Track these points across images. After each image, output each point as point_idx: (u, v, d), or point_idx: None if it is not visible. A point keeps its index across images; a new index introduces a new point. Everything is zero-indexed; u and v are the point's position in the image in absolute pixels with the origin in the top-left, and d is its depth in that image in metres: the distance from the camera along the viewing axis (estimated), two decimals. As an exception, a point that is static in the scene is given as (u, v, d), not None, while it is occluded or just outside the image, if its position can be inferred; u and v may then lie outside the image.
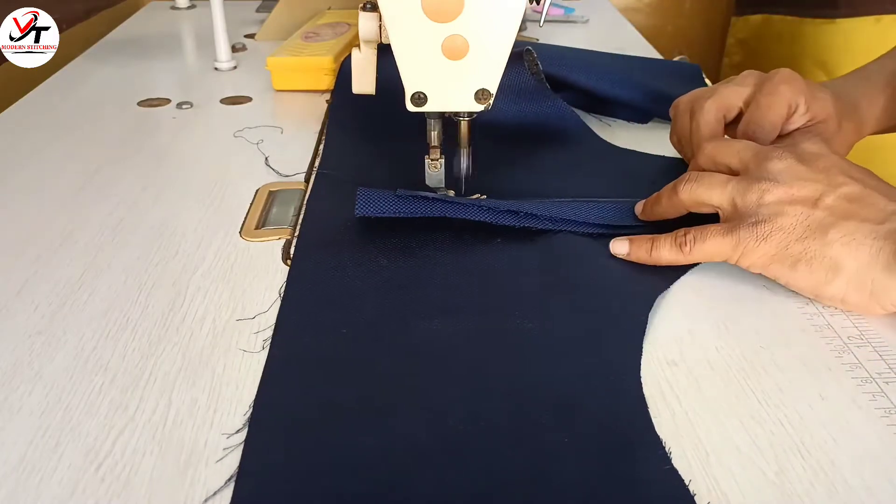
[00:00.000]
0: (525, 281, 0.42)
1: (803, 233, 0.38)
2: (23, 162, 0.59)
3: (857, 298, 0.37)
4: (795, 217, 0.38)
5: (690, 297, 0.41)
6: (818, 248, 0.37)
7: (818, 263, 0.37)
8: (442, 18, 0.43)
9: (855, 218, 0.37)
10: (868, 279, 0.36)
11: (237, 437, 0.32)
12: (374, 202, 0.46)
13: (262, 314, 0.40)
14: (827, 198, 0.38)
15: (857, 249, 0.36)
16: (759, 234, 0.38)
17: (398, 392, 0.34)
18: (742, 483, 0.30)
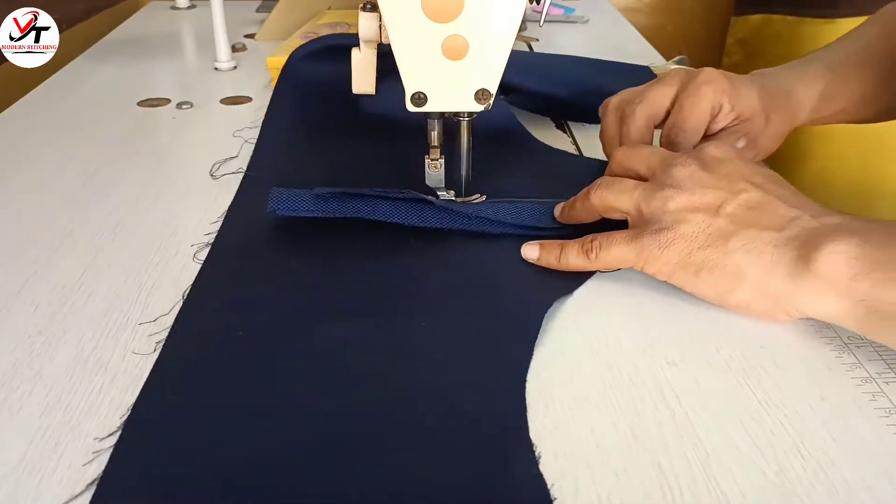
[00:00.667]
0: (431, 283, 0.42)
1: (705, 241, 0.38)
2: (23, 162, 0.59)
3: (761, 306, 0.37)
4: (697, 225, 0.38)
5: (690, 297, 0.41)
6: (720, 256, 0.37)
7: (720, 271, 0.37)
8: (442, 18, 0.43)
9: (756, 226, 0.37)
10: (770, 287, 0.36)
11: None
12: (288, 201, 0.46)
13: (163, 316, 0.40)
14: (728, 206, 0.38)
15: (758, 257, 0.37)
16: (661, 241, 0.39)
17: (281, 396, 0.34)
18: (742, 483, 0.30)
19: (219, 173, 0.56)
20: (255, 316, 0.39)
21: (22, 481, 0.30)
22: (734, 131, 0.51)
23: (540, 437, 0.32)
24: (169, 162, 0.59)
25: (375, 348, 0.37)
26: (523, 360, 0.36)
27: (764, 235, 0.37)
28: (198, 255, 0.45)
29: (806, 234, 0.36)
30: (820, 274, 0.35)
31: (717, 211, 0.38)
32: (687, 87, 0.50)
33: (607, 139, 0.54)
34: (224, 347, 0.37)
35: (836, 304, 0.35)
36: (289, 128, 0.63)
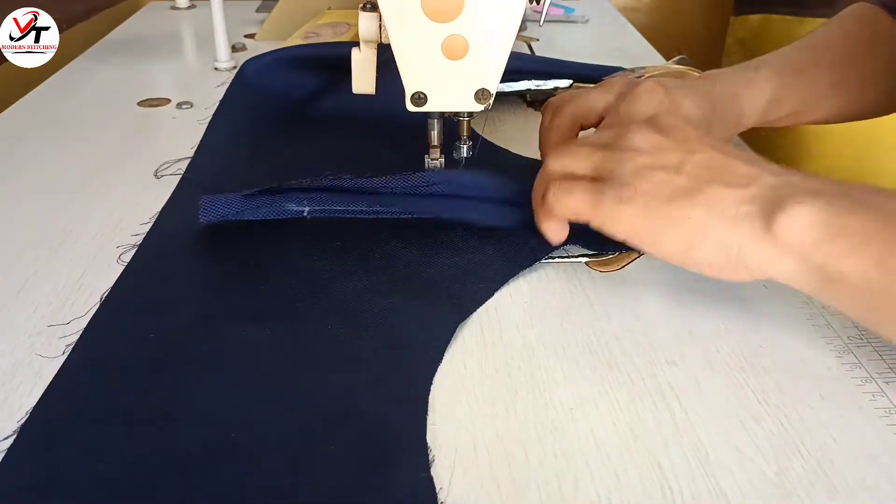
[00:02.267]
0: (351, 285, 0.41)
1: (668, 196, 0.37)
2: (23, 162, 0.59)
3: (724, 262, 0.36)
4: (659, 182, 0.37)
5: (690, 297, 0.41)
6: (684, 211, 0.36)
7: (684, 227, 0.36)
8: (442, 18, 0.43)
9: (718, 182, 0.37)
10: (734, 244, 0.35)
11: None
12: (219, 208, 0.45)
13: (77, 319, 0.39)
14: (687, 164, 0.38)
15: (722, 213, 0.36)
16: (622, 196, 0.37)
17: (182, 399, 0.34)
18: (742, 483, 0.30)
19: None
20: (169, 318, 0.39)
21: None
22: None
23: (540, 437, 0.32)
24: (169, 162, 0.59)
25: (283, 352, 0.37)
26: (431, 364, 0.36)
27: (727, 192, 0.36)
28: (123, 256, 0.45)
29: (770, 191, 0.36)
30: (781, 234, 0.34)
31: (677, 169, 0.38)
32: (625, 95, 0.50)
33: (540, 135, 0.54)
34: (133, 350, 0.37)
35: (793, 266, 0.34)
36: (234, 132, 0.63)
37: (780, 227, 0.34)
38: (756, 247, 0.35)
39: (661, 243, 0.37)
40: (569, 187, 0.40)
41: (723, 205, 0.36)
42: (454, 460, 0.31)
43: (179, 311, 0.39)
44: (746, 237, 0.35)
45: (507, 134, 0.64)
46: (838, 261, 0.33)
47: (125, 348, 0.37)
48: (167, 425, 0.32)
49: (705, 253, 0.36)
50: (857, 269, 0.32)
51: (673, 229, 0.36)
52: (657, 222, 0.37)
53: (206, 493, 0.29)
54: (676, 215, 0.36)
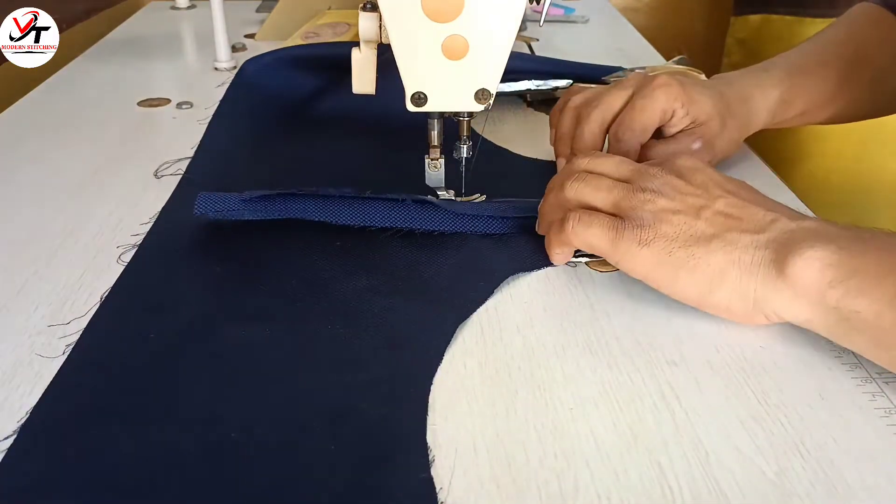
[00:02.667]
0: (351, 285, 0.41)
1: (686, 241, 0.37)
2: (23, 162, 0.59)
3: (742, 307, 0.37)
4: (679, 226, 0.38)
5: (690, 297, 0.41)
6: (702, 255, 0.37)
7: (702, 271, 0.37)
8: (442, 18, 0.43)
9: (735, 229, 0.37)
10: (750, 288, 0.36)
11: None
12: (215, 204, 0.45)
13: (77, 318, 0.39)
14: (707, 210, 0.38)
15: (738, 258, 0.36)
16: (642, 238, 0.38)
17: (182, 399, 0.34)
18: (742, 483, 0.30)
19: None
20: (169, 318, 0.39)
21: None
22: (690, 133, 0.53)
23: (540, 437, 0.32)
24: (169, 162, 0.59)
25: (283, 352, 0.37)
26: (431, 364, 0.36)
27: (744, 238, 0.37)
28: (123, 256, 0.45)
29: (784, 236, 0.36)
30: (795, 278, 0.35)
31: (697, 214, 0.38)
32: (642, 89, 0.51)
33: (560, 137, 0.55)
34: (133, 350, 0.37)
35: (809, 309, 0.35)
36: (234, 132, 0.63)
37: (794, 270, 0.35)
38: (772, 291, 0.36)
39: (678, 287, 0.38)
40: (589, 221, 0.40)
41: (740, 250, 0.37)
42: (454, 460, 0.31)
43: (179, 310, 0.39)
44: (762, 282, 0.36)
45: (507, 134, 0.64)
46: (853, 301, 0.33)
47: (125, 348, 0.37)
48: (167, 425, 0.32)
49: (722, 298, 0.37)
50: (871, 307, 0.33)
51: (691, 274, 0.37)
52: (675, 267, 0.38)
53: (205, 493, 0.29)
54: (694, 262, 0.37)
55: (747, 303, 0.37)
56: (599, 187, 0.42)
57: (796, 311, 0.36)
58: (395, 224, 0.46)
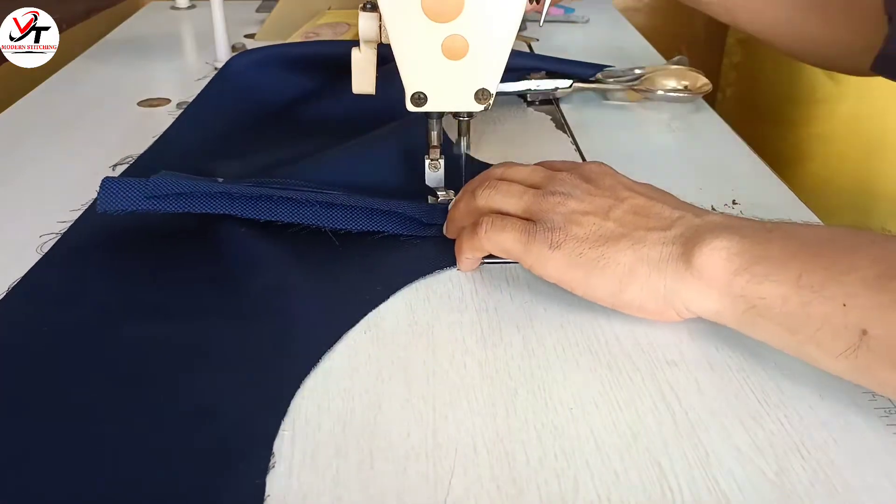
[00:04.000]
0: (255, 282, 0.41)
1: (596, 241, 0.38)
2: (23, 162, 0.59)
3: (654, 305, 0.37)
4: (588, 227, 0.38)
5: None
6: (612, 255, 0.37)
7: (612, 270, 0.37)
8: (442, 18, 0.43)
9: (643, 227, 0.38)
10: (660, 284, 0.37)
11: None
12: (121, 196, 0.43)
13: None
14: (616, 210, 0.39)
15: (647, 255, 0.37)
16: (553, 241, 0.38)
17: (52, 393, 0.34)
18: (742, 483, 0.30)
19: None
20: (67, 312, 0.39)
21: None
22: None
23: (540, 437, 0.32)
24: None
25: (168, 350, 0.37)
26: (303, 370, 0.36)
27: (652, 235, 0.37)
28: (43, 246, 0.45)
29: (690, 231, 0.37)
30: (702, 269, 0.35)
31: (606, 214, 0.39)
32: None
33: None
34: (23, 342, 0.37)
35: (717, 299, 0.35)
36: (202, 128, 0.63)
37: (700, 261, 0.35)
38: (680, 285, 0.36)
39: (591, 287, 0.38)
40: (501, 225, 0.40)
41: (648, 247, 0.37)
42: (454, 460, 0.31)
43: (79, 305, 0.40)
44: (671, 277, 0.36)
45: (507, 134, 0.64)
46: (758, 286, 0.33)
47: (16, 341, 0.37)
48: (27, 419, 0.33)
49: (634, 296, 0.37)
50: (776, 291, 0.33)
51: (602, 274, 0.38)
52: (586, 268, 0.38)
53: (51, 487, 0.29)
54: (604, 261, 0.37)
55: (658, 299, 0.37)
56: (510, 193, 0.42)
57: (705, 303, 0.36)
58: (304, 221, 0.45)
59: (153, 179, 0.43)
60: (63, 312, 0.39)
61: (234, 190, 0.44)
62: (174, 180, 0.44)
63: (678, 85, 0.70)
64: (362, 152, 0.54)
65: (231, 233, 0.44)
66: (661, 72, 0.71)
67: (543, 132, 0.65)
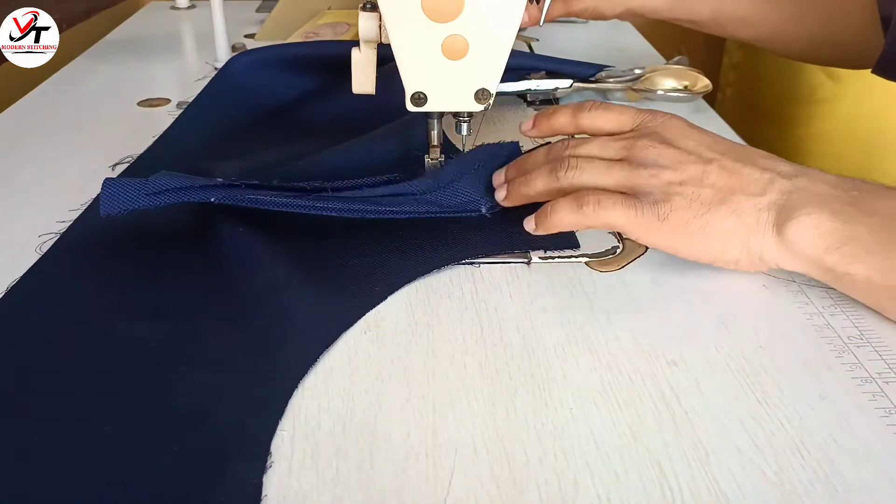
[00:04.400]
0: (250, 282, 0.41)
1: (699, 210, 0.40)
2: (23, 162, 0.58)
3: (748, 262, 0.41)
4: (688, 196, 0.41)
5: (690, 297, 0.41)
6: (715, 221, 0.40)
7: (716, 236, 0.40)
8: (442, 18, 0.43)
9: (739, 192, 0.40)
10: (757, 247, 0.40)
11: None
12: (122, 196, 0.43)
13: None
14: (708, 176, 0.41)
15: (745, 222, 0.40)
16: (660, 213, 0.41)
17: (43, 394, 0.34)
18: (742, 483, 0.30)
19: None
20: (65, 313, 0.39)
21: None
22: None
23: (540, 437, 0.32)
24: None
25: (163, 350, 0.37)
26: (298, 371, 0.36)
27: (748, 202, 0.40)
28: (43, 246, 0.45)
29: (783, 198, 0.40)
30: (794, 242, 0.39)
31: (700, 182, 0.41)
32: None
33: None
34: (20, 343, 0.37)
35: (806, 267, 0.40)
36: (202, 128, 0.63)
37: (793, 236, 0.39)
38: (774, 251, 0.40)
39: (693, 249, 0.41)
40: (608, 203, 0.41)
41: (746, 213, 0.40)
42: (454, 460, 0.31)
43: (75, 305, 0.40)
44: (765, 242, 0.40)
45: (507, 134, 0.64)
46: (846, 266, 0.38)
47: (13, 339, 0.37)
48: (21, 419, 0.33)
49: (732, 255, 0.41)
50: (862, 272, 0.38)
51: (706, 239, 0.41)
52: (693, 235, 0.41)
53: (45, 487, 0.29)
54: (710, 229, 0.40)
55: (754, 258, 0.41)
56: (598, 170, 0.43)
57: (796, 266, 0.40)
58: (312, 209, 0.45)
59: (153, 179, 0.43)
60: (60, 312, 0.39)
61: (235, 183, 0.44)
62: (173, 178, 0.44)
63: (678, 85, 0.70)
64: (361, 152, 0.54)
65: (230, 233, 0.44)
66: (661, 72, 0.71)
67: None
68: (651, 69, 0.72)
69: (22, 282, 0.42)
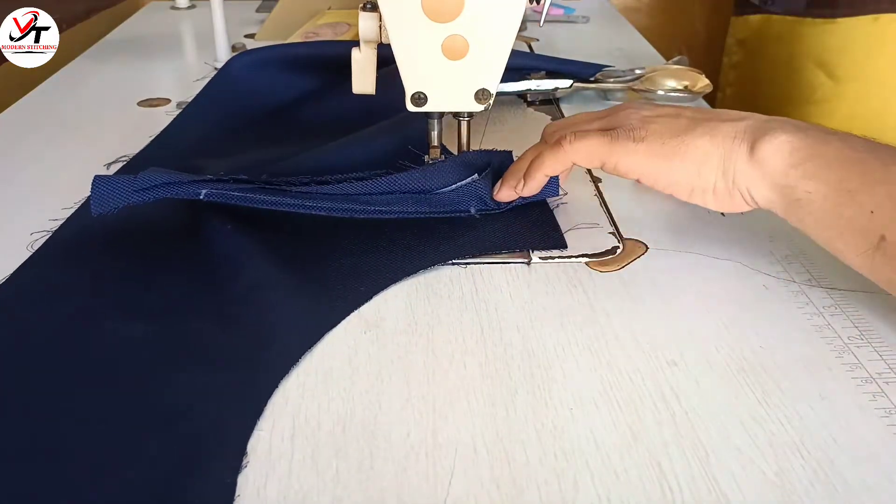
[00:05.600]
0: (235, 282, 0.41)
1: (675, 132, 0.42)
2: (23, 162, 0.59)
3: (723, 187, 0.41)
4: (664, 123, 0.43)
5: (690, 298, 0.41)
6: (691, 140, 0.41)
7: (692, 155, 0.41)
8: (442, 18, 0.43)
9: (715, 119, 0.42)
10: (730, 169, 0.40)
11: None
12: (112, 193, 0.43)
13: None
14: (686, 112, 0.44)
15: (721, 141, 0.41)
16: (636, 136, 0.42)
17: (22, 392, 0.34)
18: (742, 483, 0.30)
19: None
20: (50, 312, 0.39)
21: (22, 481, 0.30)
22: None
23: (540, 437, 0.32)
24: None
25: (148, 350, 0.37)
26: (279, 373, 0.35)
27: (724, 126, 0.41)
28: (34, 244, 0.46)
29: (760, 123, 0.41)
30: (764, 158, 0.39)
31: (677, 115, 0.43)
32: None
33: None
34: (4, 340, 0.37)
35: (772, 189, 0.39)
36: (200, 128, 0.63)
37: (762, 151, 0.39)
38: (745, 169, 0.40)
39: (671, 173, 0.42)
40: (584, 133, 0.43)
41: (722, 135, 0.41)
42: (454, 460, 0.31)
43: (61, 303, 0.40)
44: (738, 161, 0.40)
45: (507, 134, 0.64)
46: (804, 182, 0.38)
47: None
48: (7, 417, 0.33)
49: (709, 178, 0.41)
50: (819, 188, 0.37)
51: (683, 159, 0.41)
52: (669, 155, 0.42)
53: (24, 484, 0.29)
54: (685, 147, 0.41)
55: (728, 183, 0.41)
56: (581, 121, 0.46)
57: (764, 191, 0.40)
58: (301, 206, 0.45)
59: (142, 175, 0.43)
60: (44, 311, 0.39)
61: (223, 178, 0.45)
62: (162, 174, 0.44)
63: (678, 85, 0.70)
64: (358, 149, 0.54)
65: (218, 232, 0.44)
66: (661, 72, 0.71)
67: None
68: (651, 69, 0.72)
69: (10, 280, 0.42)
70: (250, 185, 0.45)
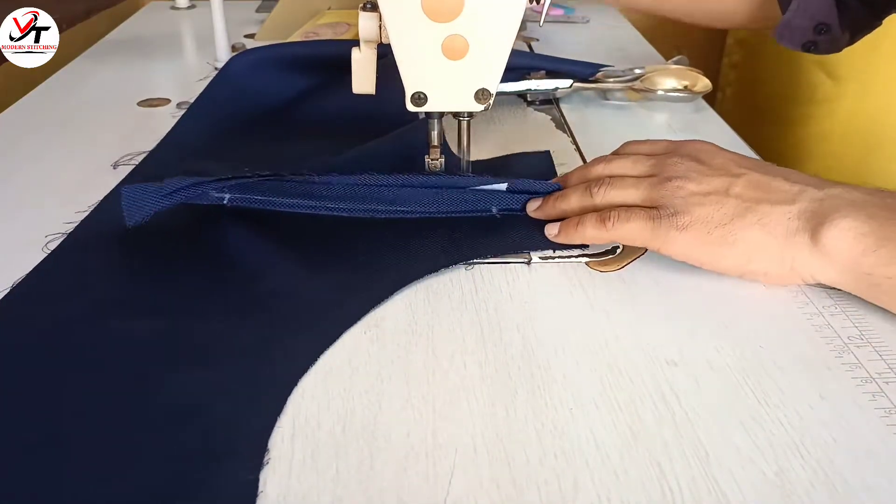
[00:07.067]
0: (252, 281, 0.41)
1: (721, 219, 0.40)
2: (23, 162, 0.58)
3: (778, 273, 0.40)
4: (712, 206, 0.40)
5: (690, 297, 0.41)
6: (739, 231, 0.39)
7: (741, 245, 0.39)
8: (442, 18, 0.43)
9: (766, 202, 0.40)
10: (788, 257, 0.39)
11: None
12: (143, 203, 0.43)
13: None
14: (735, 187, 0.41)
15: (774, 230, 0.39)
16: (678, 224, 0.40)
17: (34, 389, 0.34)
18: (742, 483, 0.30)
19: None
20: (63, 308, 0.39)
21: (22, 481, 0.30)
22: None
23: (540, 437, 0.32)
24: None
25: (162, 348, 0.37)
26: (296, 373, 0.35)
27: (776, 210, 0.39)
28: (48, 246, 0.46)
29: (815, 205, 0.39)
30: (830, 248, 0.38)
31: (726, 192, 0.41)
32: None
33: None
34: (20, 341, 0.37)
35: (842, 274, 0.38)
36: (205, 129, 0.63)
37: (829, 240, 0.38)
38: (808, 259, 0.39)
39: (720, 262, 0.40)
40: (626, 216, 0.42)
41: (774, 221, 0.39)
42: (454, 460, 0.31)
43: (77, 303, 0.40)
44: (798, 250, 0.39)
45: (507, 134, 0.64)
46: (884, 268, 0.37)
47: (14, 337, 0.38)
48: (18, 413, 0.33)
49: (760, 266, 0.40)
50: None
51: (731, 249, 0.40)
52: (715, 245, 0.40)
53: (42, 483, 0.29)
54: (733, 238, 0.39)
55: (784, 269, 0.39)
56: (626, 186, 0.44)
57: (830, 275, 0.39)
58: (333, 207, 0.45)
59: (168, 181, 0.44)
60: (60, 311, 0.39)
61: (247, 175, 0.45)
62: (188, 180, 0.44)
63: (678, 85, 0.70)
64: (363, 160, 0.53)
65: (234, 230, 0.44)
66: (661, 72, 0.71)
67: (543, 132, 0.65)
68: (651, 69, 0.72)
69: (26, 280, 0.42)
70: (273, 178, 0.45)
